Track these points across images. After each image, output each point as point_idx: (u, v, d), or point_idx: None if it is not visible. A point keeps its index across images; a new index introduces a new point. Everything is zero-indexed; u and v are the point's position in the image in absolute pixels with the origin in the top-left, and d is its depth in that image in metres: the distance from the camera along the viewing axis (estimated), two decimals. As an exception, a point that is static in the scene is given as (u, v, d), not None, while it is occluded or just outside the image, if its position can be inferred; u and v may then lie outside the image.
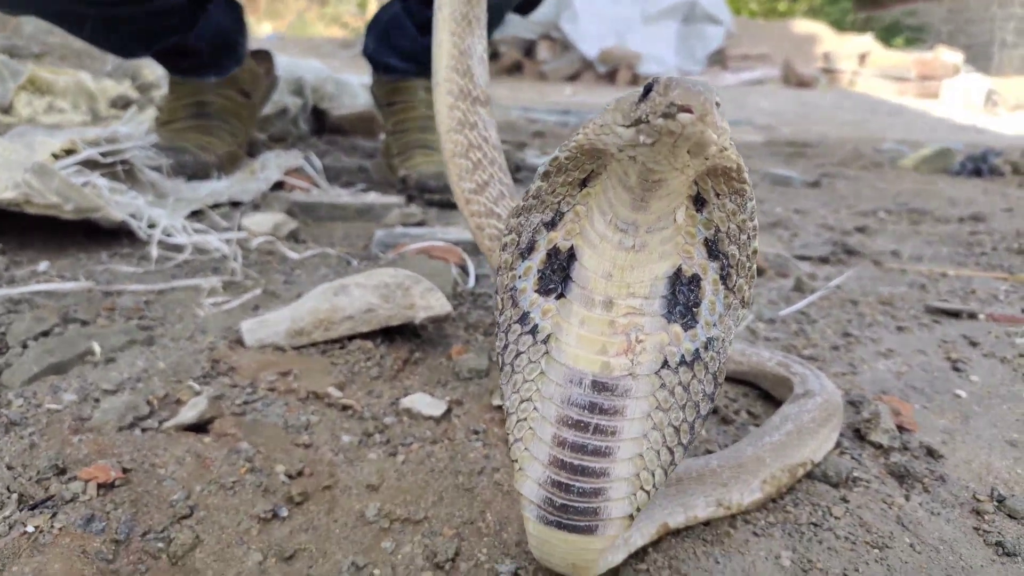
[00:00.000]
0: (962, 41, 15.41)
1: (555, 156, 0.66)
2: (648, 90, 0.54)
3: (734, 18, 12.86)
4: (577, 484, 0.67)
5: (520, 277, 0.71)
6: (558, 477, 0.68)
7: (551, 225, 0.69)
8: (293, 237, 1.98)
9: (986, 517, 0.96)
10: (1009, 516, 0.96)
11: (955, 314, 1.65)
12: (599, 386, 0.67)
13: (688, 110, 0.51)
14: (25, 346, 1.18)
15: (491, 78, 1.28)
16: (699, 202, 0.66)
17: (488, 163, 1.18)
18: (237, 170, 2.55)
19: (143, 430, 0.99)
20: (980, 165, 4.16)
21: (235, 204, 2.23)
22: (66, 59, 4.06)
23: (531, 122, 5.48)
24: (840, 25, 18.07)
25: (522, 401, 0.70)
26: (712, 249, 0.67)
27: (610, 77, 11.28)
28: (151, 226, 1.77)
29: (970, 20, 15.75)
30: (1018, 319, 1.63)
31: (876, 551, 0.87)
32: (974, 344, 1.49)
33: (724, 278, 0.68)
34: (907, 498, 0.99)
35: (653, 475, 0.68)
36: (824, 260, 2.10)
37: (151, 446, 0.94)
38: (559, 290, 0.69)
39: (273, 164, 2.59)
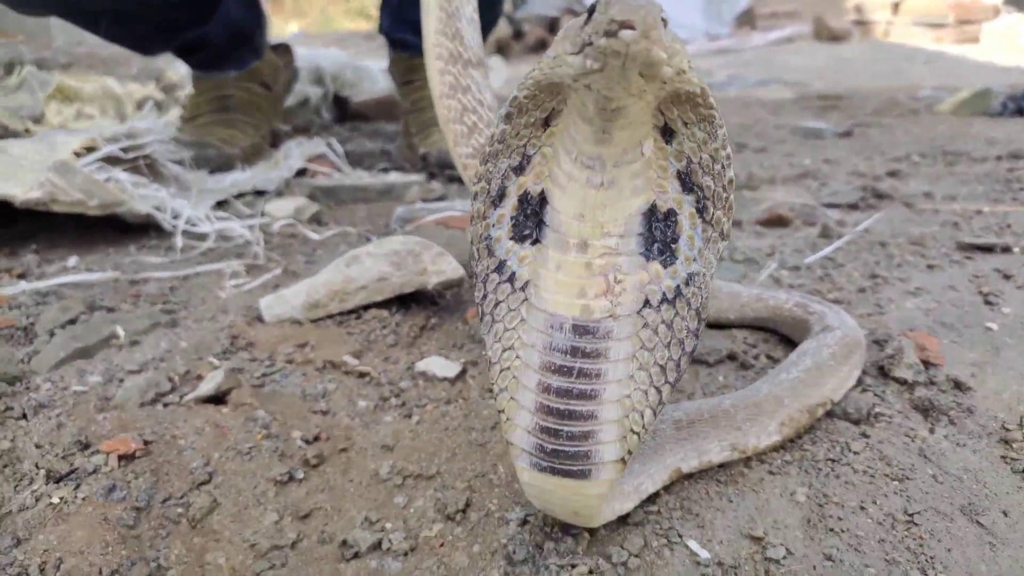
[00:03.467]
0: (1003, -20, 14.81)
1: (514, 96, 0.64)
2: (591, 11, 0.52)
3: (761, -24, 12.53)
4: (565, 428, 0.67)
5: (494, 225, 0.70)
6: (546, 423, 0.67)
7: (519, 170, 0.68)
8: (315, 220, 2.01)
9: (1014, 445, 0.93)
10: (1039, 443, 0.93)
11: (988, 249, 1.60)
12: (580, 329, 0.66)
13: (630, 26, 0.49)
14: (52, 334, 1.22)
15: (517, 57, 1.28)
16: (667, 133, 0.64)
17: (484, 126, 1.17)
18: (261, 161, 2.58)
19: (164, 404, 1.01)
20: (1022, 104, 4.01)
21: (259, 193, 2.26)
22: (93, 67, 4.14)
23: (555, 96, 5.44)
24: (873, -25, 17.51)
25: (504, 350, 0.69)
26: (686, 182, 0.66)
27: (636, 47, 11.12)
28: (175, 217, 1.80)
29: (1010, -42, 15.12)
30: (1056, 250, 1.57)
31: (896, 483, 0.85)
32: (1007, 277, 1.44)
33: (701, 211, 0.67)
34: (931, 431, 0.97)
35: (642, 415, 0.67)
36: (853, 206, 2.05)
37: (171, 419, 0.97)
38: (534, 235, 0.67)
39: (296, 153, 2.62)
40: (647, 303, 0.66)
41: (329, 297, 1.24)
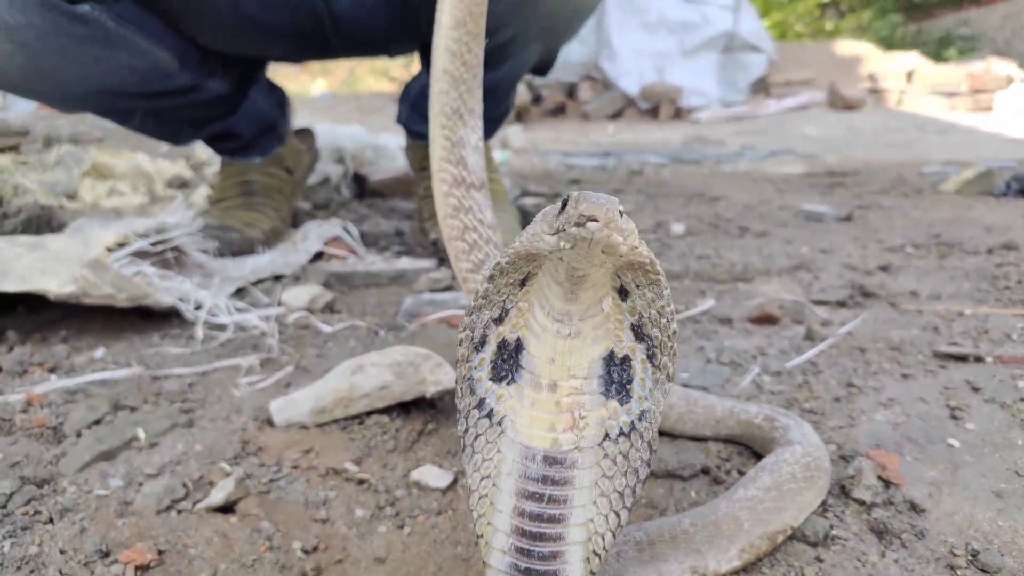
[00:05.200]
0: (1019, 48, 15.03)
1: (497, 262, 0.77)
2: (564, 204, 0.65)
3: (776, 44, 12.85)
4: (537, 549, 0.76)
5: (475, 368, 0.81)
6: (520, 544, 0.77)
7: (499, 321, 0.79)
8: (329, 308, 2.12)
9: (959, 572, 1.00)
10: (982, 571, 1.00)
11: (962, 358, 1.68)
12: (550, 460, 0.76)
13: (595, 219, 0.62)
14: (79, 435, 1.33)
15: (536, 121, 1.40)
16: (623, 292, 0.76)
17: (483, 243, 1.28)
18: (281, 243, 2.72)
19: (178, 511, 1.11)
20: (1025, 185, 4.09)
21: (277, 277, 2.39)
22: (126, 140, 4.36)
23: (569, 168, 5.61)
24: (890, 41, 17.82)
25: (483, 479, 0.79)
26: (638, 332, 0.77)
27: (653, 113, 11.39)
28: (197, 308, 1.93)
29: (1024, 27, 15.36)
30: (1027, 360, 1.64)
31: (841, 610, 0.93)
32: (976, 389, 1.52)
33: (651, 357, 0.78)
34: (883, 555, 1.04)
35: (603, 538, 0.78)
36: (841, 304, 2.13)
37: (184, 527, 1.07)
38: (510, 376, 0.79)
39: (315, 234, 2.76)
40: (607, 436, 0.77)
41: (335, 403, 1.34)
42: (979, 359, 1.66)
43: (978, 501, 1.16)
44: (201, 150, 3.82)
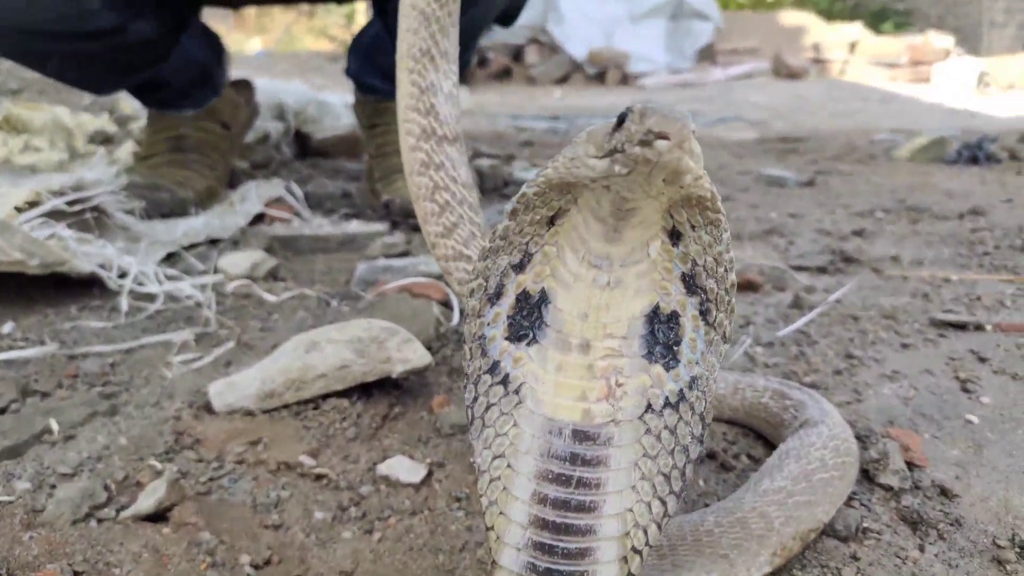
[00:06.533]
0: (951, 23, 15.32)
1: (523, 192, 0.63)
2: (622, 120, 0.53)
3: (722, 12, 12.78)
4: (562, 545, 0.62)
5: (489, 324, 0.68)
6: (540, 538, 0.63)
7: (519, 268, 0.66)
8: (272, 275, 1.92)
9: (1008, 567, 0.89)
10: (1033, 565, 0.89)
11: (961, 326, 1.58)
12: (580, 435, 0.63)
13: (666, 136, 0.50)
14: (-22, 427, 1.12)
15: (481, 84, 1.22)
16: (674, 235, 0.63)
17: (457, 203, 1.11)
18: (216, 204, 2.49)
19: (99, 521, 0.92)
20: (976, 153, 4.09)
21: (213, 242, 2.17)
22: (45, 93, 4.00)
23: (519, 131, 5.42)
24: (829, 13, 17.99)
25: (495, 458, 0.66)
26: (690, 284, 0.65)
27: (600, 78, 11.21)
28: (121, 276, 1.71)
29: (958, 2, 15.66)
30: (1027, 328, 1.56)
31: (892, 621, 0.80)
32: (983, 360, 1.42)
33: (704, 314, 0.66)
34: (922, 549, 0.92)
35: (646, 531, 0.64)
36: (822, 270, 2.03)
37: (106, 541, 0.88)
38: (531, 335, 0.65)
39: (254, 195, 2.52)
40: (649, 407, 0.64)
41: (285, 386, 1.16)
42: (979, 327, 1.57)
43: (1011, 484, 1.05)
44: (127, 102, 3.51)
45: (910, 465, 1.08)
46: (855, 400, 1.29)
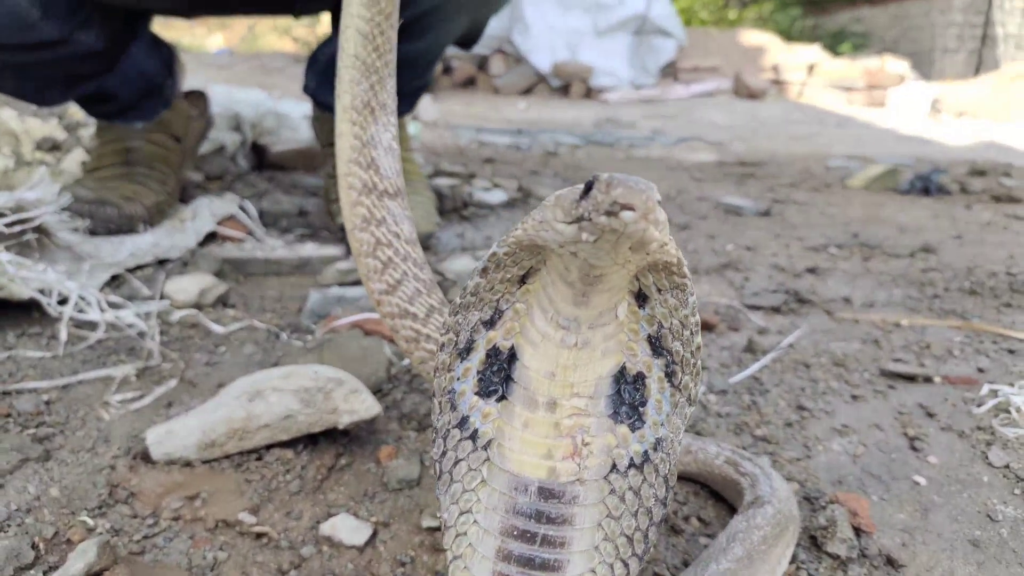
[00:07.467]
0: (905, 47, 15.73)
1: (493, 251, 0.63)
2: (589, 188, 0.53)
3: (685, 29, 12.93)
4: None
5: (459, 379, 0.68)
6: None
7: (490, 324, 0.67)
8: (222, 302, 1.87)
9: (950, 646, 0.89)
10: (975, 644, 0.90)
11: (910, 378, 1.60)
12: (546, 493, 0.63)
13: (631, 207, 0.50)
14: None
15: (446, 92, 1.20)
16: (641, 298, 0.64)
17: (400, 260, 1.09)
18: (166, 220, 2.41)
19: (22, 588, 0.87)
20: (928, 184, 4.20)
21: (161, 262, 2.11)
22: (-10, 93, 3.86)
23: (482, 146, 5.40)
24: (788, 33, 18.34)
25: (461, 513, 0.66)
26: (656, 346, 0.66)
27: (564, 91, 11.26)
28: (61, 301, 1.64)
29: (912, 26, 16.09)
30: (973, 380, 1.58)
31: None
32: (931, 415, 1.44)
33: (669, 376, 0.67)
34: (867, 625, 0.92)
35: None
36: (776, 310, 2.04)
37: (27, 612, 0.83)
38: (500, 391, 0.66)
39: (206, 212, 2.46)
40: (614, 467, 0.65)
41: (227, 436, 1.12)
42: (928, 379, 1.59)
43: (955, 552, 1.06)
44: (76, 108, 3.39)
45: (857, 531, 1.08)
46: (805, 456, 1.30)
